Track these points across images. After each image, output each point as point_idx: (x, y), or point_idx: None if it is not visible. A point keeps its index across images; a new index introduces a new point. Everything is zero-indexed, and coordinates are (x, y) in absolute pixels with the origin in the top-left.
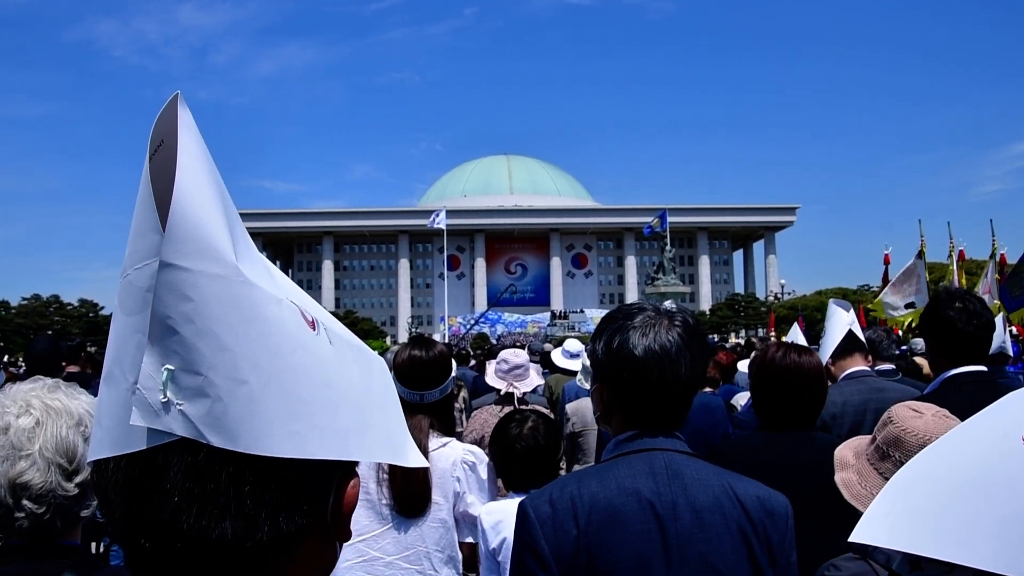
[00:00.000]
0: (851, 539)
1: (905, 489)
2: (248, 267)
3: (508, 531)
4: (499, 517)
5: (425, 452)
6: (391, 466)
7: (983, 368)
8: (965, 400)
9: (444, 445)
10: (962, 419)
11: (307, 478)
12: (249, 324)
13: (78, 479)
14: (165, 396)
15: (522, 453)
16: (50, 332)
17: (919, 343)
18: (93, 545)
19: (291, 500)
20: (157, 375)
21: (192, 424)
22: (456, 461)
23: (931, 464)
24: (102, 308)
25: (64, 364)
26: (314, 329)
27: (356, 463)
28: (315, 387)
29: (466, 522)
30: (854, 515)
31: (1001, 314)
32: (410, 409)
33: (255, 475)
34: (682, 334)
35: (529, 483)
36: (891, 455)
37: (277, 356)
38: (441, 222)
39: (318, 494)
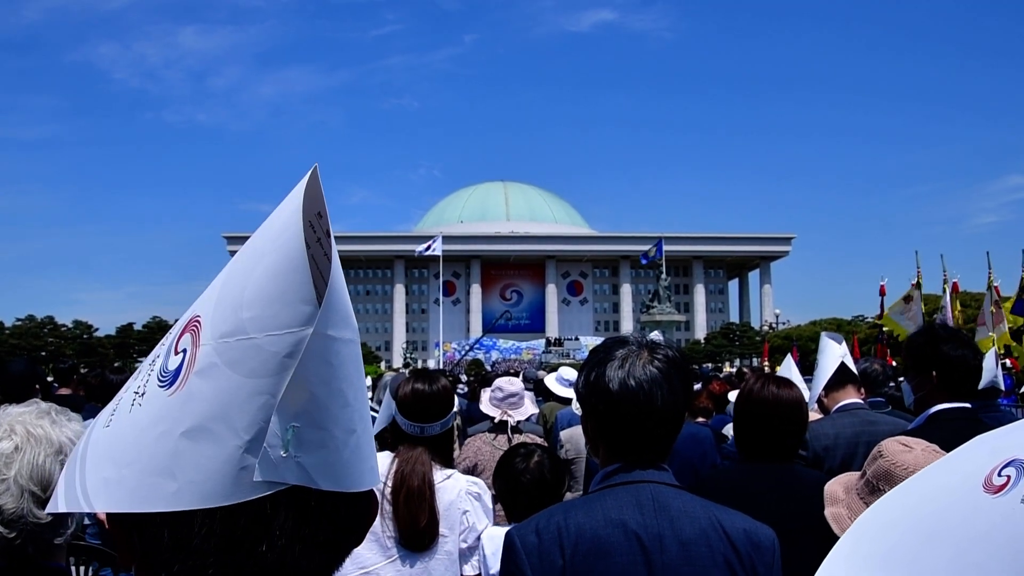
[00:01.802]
0: None
1: (868, 531)
2: None
3: None
4: (501, 543)
5: (431, 485)
6: (393, 499)
7: (967, 405)
8: (951, 437)
9: (448, 477)
10: None
11: (365, 505)
12: (359, 379)
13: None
14: (287, 452)
15: (527, 486)
16: (26, 355)
17: None
18: (83, 570)
19: (356, 526)
20: (283, 433)
21: (307, 473)
22: (462, 492)
23: (895, 506)
24: (96, 330)
25: (56, 386)
26: None
27: None
28: (370, 424)
29: (472, 552)
30: None
31: (993, 348)
32: (410, 440)
33: (345, 510)
34: (661, 367)
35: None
36: (881, 489)
37: (365, 403)
38: (437, 249)
39: (367, 517)
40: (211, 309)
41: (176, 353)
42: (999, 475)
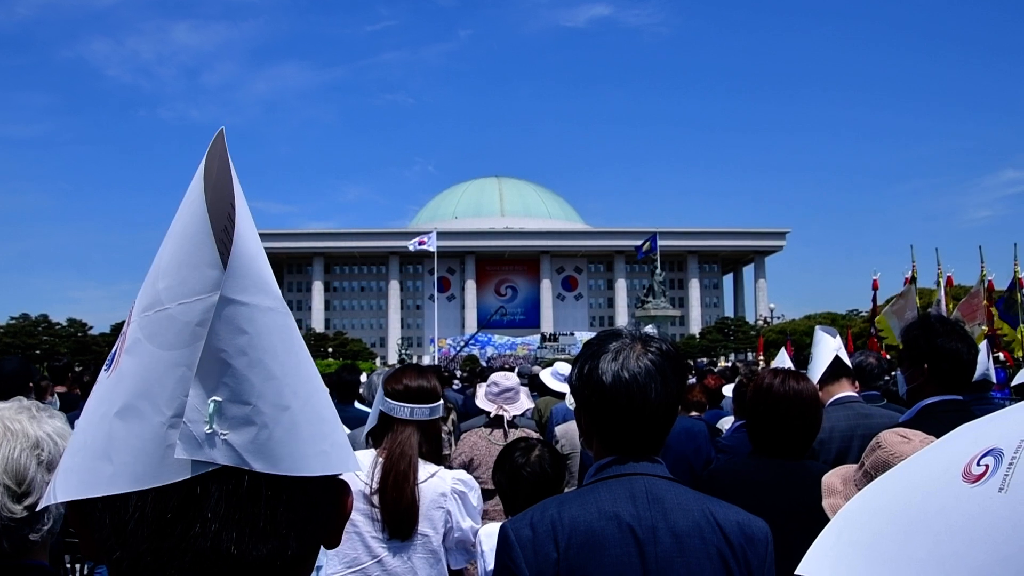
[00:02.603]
0: (796, 572)
1: (851, 521)
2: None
3: None
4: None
5: (415, 471)
6: (381, 484)
7: (959, 397)
8: (942, 429)
9: (432, 476)
10: None
11: (324, 495)
12: (290, 352)
13: (27, 502)
14: (211, 428)
15: (528, 480)
16: (20, 354)
17: None
18: (79, 567)
19: (312, 517)
20: (203, 407)
21: (237, 452)
22: (446, 492)
23: (878, 496)
24: (90, 328)
25: (50, 385)
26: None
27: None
28: (329, 406)
29: (459, 549)
30: None
31: (985, 341)
32: (400, 424)
33: (288, 496)
34: (654, 359)
35: None
36: None
37: (308, 380)
38: (431, 245)
39: (329, 509)
40: (142, 286)
41: (121, 336)
42: (978, 464)
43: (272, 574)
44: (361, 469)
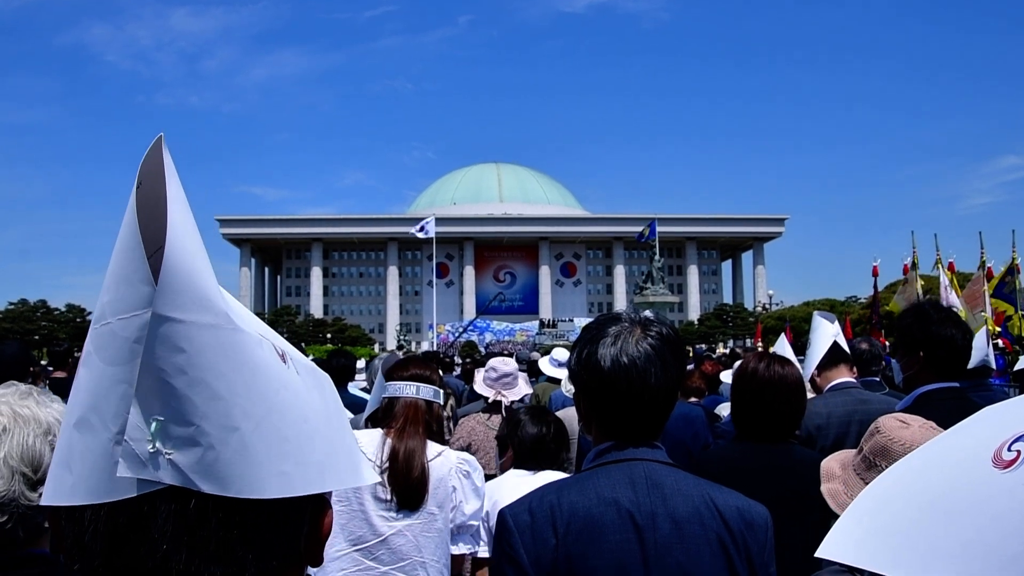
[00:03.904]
0: (817, 554)
1: (873, 506)
2: (233, 312)
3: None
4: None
5: (423, 446)
6: (391, 460)
7: (956, 384)
8: (940, 416)
9: (439, 455)
10: None
11: (288, 515)
12: (239, 371)
13: (42, 489)
14: (154, 447)
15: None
16: (19, 339)
17: None
18: None
19: (276, 539)
20: (145, 426)
21: (183, 473)
22: (452, 470)
23: (899, 481)
24: (89, 313)
25: (51, 369)
26: (285, 363)
27: (329, 493)
28: (296, 424)
29: (462, 532)
30: None
31: (985, 327)
32: (407, 403)
33: (243, 518)
34: (654, 344)
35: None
36: (878, 465)
37: (264, 399)
38: (430, 231)
39: (298, 529)
40: None
41: None
42: (1008, 450)
43: None
44: (346, 485)
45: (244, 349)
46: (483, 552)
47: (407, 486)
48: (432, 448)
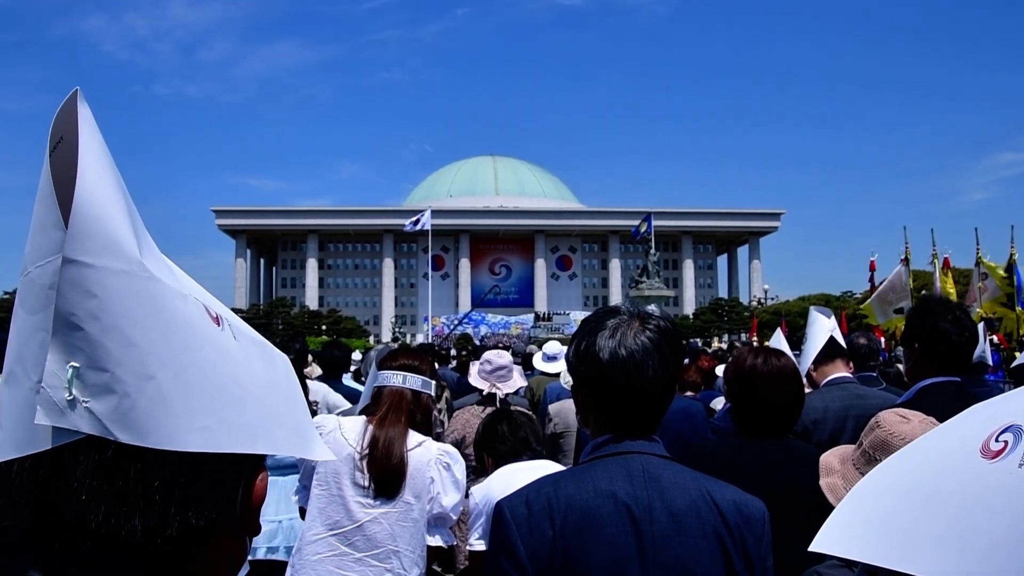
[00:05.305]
0: (811, 548)
1: (865, 498)
2: (152, 263)
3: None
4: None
5: (404, 434)
6: (371, 447)
7: (957, 379)
8: (940, 410)
9: (419, 445)
10: None
11: (216, 473)
12: (155, 320)
13: None
14: (71, 394)
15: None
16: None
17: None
18: None
19: (200, 495)
20: (62, 373)
21: (99, 421)
22: (431, 461)
23: (892, 473)
24: None
25: None
26: (219, 325)
27: (264, 458)
28: (222, 382)
29: (439, 524)
30: None
31: (982, 323)
32: (393, 391)
33: (164, 471)
34: (652, 337)
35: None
36: (877, 459)
37: (184, 351)
38: (425, 224)
39: (227, 489)
40: None
41: None
42: (996, 440)
43: (155, 553)
44: (282, 451)
45: (160, 298)
46: (480, 546)
47: (385, 473)
48: (413, 438)
